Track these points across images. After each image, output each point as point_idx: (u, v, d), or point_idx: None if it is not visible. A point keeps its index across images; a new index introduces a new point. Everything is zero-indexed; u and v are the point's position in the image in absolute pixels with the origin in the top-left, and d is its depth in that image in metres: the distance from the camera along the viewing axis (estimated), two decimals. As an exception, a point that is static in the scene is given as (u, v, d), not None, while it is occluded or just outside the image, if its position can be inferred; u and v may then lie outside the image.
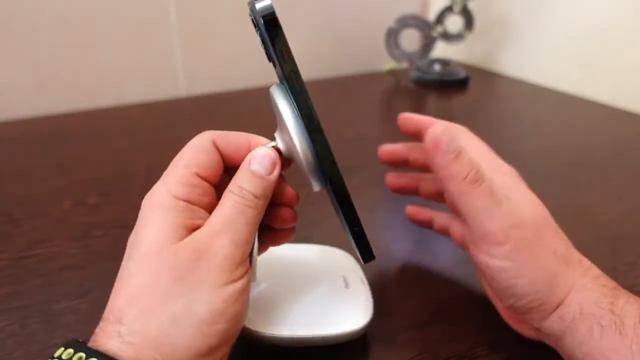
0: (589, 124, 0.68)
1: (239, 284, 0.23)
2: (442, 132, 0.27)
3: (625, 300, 0.25)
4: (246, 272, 0.24)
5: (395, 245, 0.40)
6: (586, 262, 0.28)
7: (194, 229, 0.23)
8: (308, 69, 0.87)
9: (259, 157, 0.25)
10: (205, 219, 0.24)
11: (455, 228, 0.33)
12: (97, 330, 0.22)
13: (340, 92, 0.80)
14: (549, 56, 0.82)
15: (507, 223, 0.26)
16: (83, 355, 0.20)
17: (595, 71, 0.75)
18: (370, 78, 0.88)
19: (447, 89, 0.83)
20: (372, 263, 0.25)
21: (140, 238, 0.23)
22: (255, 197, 0.24)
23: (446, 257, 0.38)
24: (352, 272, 0.32)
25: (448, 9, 0.83)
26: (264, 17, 0.20)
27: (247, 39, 0.81)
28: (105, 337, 0.21)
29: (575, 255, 0.28)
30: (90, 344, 0.21)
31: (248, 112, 0.71)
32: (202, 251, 0.22)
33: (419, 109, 0.76)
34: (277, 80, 0.27)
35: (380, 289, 0.34)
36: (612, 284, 0.27)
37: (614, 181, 0.51)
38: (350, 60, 0.92)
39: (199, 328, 0.21)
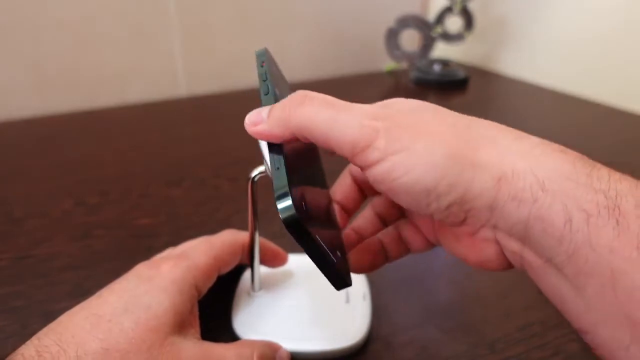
0: (589, 124, 0.68)
1: None
2: (249, 114, 0.23)
3: (607, 173, 0.17)
4: None
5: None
6: (523, 134, 0.20)
7: (187, 320, 0.25)
8: (308, 69, 0.88)
9: (283, 357, 0.27)
10: (195, 313, 0.26)
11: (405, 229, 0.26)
12: (46, 353, 0.21)
13: (340, 92, 0.80)
14: (548, 56, 0.82)
15: (365, 119, 0.19)
16: None
17: (594, 71, 0.75)
18: (370, 78, 0.88)
19: (447, 89, 0.83)
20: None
21: (148, 304, 0.24)
22: None
23: (446, 257, 0.38)
24: (356, 285, 0.32)
25: (448, 10, 0.83)
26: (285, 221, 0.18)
27: (247, 39, 0.81)
28: None
29: (501, 126, 0.20)
30: None
31: (248, 112, 0.70)
32: None
33: (418, 109, 0.76)
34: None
35: (380, 290, 0.34)
36: (573, 152, 0.19)
37: (614, 181, 0.51)
38: (350, 60, 0.92)
39: None
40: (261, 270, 0.32)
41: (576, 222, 0.16)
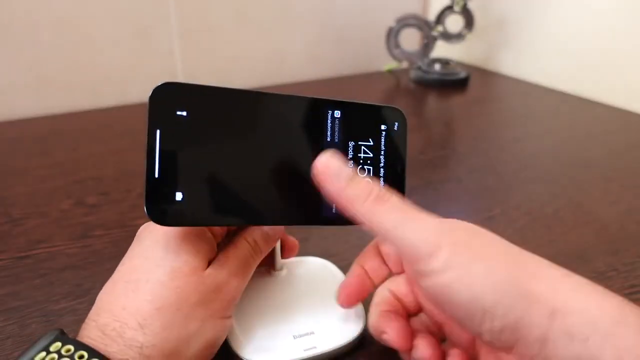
0: (589, 124, 0.68)
1: (231, 320, 0.27)
2: (331, 156, 0.23)
3: None
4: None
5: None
6: (568, 271, 0.20)
7: (211, 257, 0.26)
8: (308, 69, 0.88)
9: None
10: (215, 249, 0.27)
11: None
12: (110, 330, 0.22)
13: (340, 92, 0.80)
14: (548, 56, 0.82)
15: (433, 230, 0.21)
16: None
17: (594, 71, 0.75)
18: (370, 78, 0.88)
19: (447, 88, 0.83)
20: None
21: (175, 254, 0.25)
22: (262, 252, 0.28)
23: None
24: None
25: (448, 9, 0.83)
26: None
27: (247, 39, 0.81)
28: (123, 345, 0.21)
29: (545, 260, 0.21)
30: (101, 348, 0.21)
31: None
32: (221, 287, 0.25)
33: (419, 108, 0.76)
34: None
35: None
36: (617, 295, 0.19)
37: (614, 181, 0.51)
38: (350, 60, 0.92)
39: (204, 350, 0.24)
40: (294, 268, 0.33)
41: None
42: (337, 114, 0.26)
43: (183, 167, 0.23)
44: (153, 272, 0.24)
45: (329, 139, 0.26)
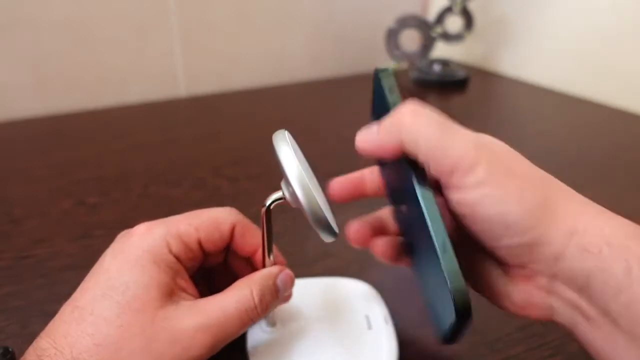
0: (589, 124, 0.68)
1: None
2: (359, 135, 0.24)
3: None
4: None
5: (395, 245, 0.40)
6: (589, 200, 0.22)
7: (175, 287, 0.23)
8: (308, 69, 0.88)
9: (286, 278, 0.26)
10: (185, 278, 0.24)
11: None
12: (45, 356, 0.21)
13: (340, 92, 0.80)
14: (548, 56, 0.82)
15: (471, 143, 0.21)
16: None
17: (595, 71, 0.75)
18: (370, 78, 0.88)
19: (447, 89, 0.83)
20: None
21: (125, 284, 0.22)
22: (264, 312, 0.24)
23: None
24: (374, 308, 0.30)
25: (448, 10, 0.83)
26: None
27: (247, 38, 0.81)
28: None
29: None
30: None
31: (248, 112, 0.71)
32: (179, 340, 0.22)
33: (418, 109, 0.76)
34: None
35: (380, 289, 0.34)
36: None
37: (614, 181, 0.51)
38: (350, 60, 0.92)
39: None
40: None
41: (636, 273, 0.18)
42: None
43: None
44: (98, 304, 0.22)
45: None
